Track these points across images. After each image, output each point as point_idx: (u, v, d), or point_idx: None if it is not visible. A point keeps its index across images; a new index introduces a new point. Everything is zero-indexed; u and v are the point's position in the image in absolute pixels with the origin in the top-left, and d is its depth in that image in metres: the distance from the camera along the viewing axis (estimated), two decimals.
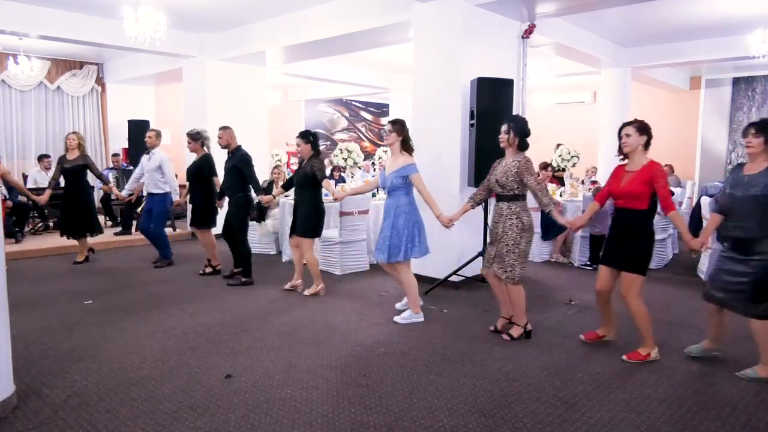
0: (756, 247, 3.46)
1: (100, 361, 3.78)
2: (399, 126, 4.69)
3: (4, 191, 8.02)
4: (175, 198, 6.91)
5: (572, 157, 9.43)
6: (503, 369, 3.69)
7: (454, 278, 5.74)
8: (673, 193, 7.91)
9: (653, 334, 3.90)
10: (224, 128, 6.00)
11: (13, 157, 10.77)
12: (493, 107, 5.50)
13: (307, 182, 5.36)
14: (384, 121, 16.85)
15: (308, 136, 5.46)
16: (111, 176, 10.04)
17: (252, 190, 6.03)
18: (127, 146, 10.39)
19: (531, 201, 4.31)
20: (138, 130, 9.58)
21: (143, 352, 3.95)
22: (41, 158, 9.79)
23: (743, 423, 2.98)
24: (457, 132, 5.82)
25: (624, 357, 3.90)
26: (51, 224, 9.51)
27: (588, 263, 7.05)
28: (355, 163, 8.00)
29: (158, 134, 6.90)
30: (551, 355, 3.94)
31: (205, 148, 6.40)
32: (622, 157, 3.94)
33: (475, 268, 5.80)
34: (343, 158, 7.85)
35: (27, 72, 9.56)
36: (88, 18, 7.88)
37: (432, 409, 3.10)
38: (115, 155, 10.79)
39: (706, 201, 6.48)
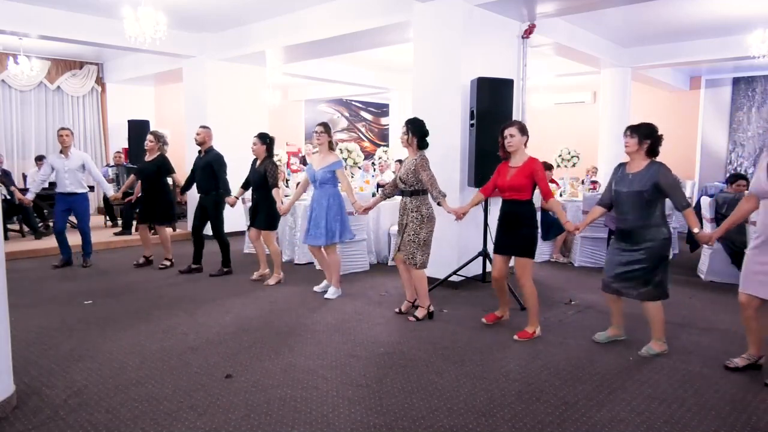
0: (638, 236, 3.83)
1: (100, 361, 3.78)
2: (329, 128, 5.45)
3: (4, 191, 8.02)
4: (110, 193, 7.27)
5: (572, 157, 9.43)
6: (503, 369, 3.69)
7: (454, 278, 5.74)
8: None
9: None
10: (205, 127, 6.48)
11: (13, 157, 10.78)
12: (493, 107, 5.50)
13: (264, 182, 5.91)
14: (384, 121, 16.85)
15: (265, 138, 6.00)
16: (111, 173, 10.06)
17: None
18: (127, 146, 10.39)
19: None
20: (138, 130, 9.59)
21: (143, 352, 3.95)
22: (39, 159, 9.79)
23: (743, 423, 2.98)
24: (457, 132, 5.82)
25: (516, 336, 4.27)
26: (51, 224, 9.51)
27: None
28: (355, 163, 8.01)
29: (71, 132, 6.88)
30: (551, 355, 3.94)
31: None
32: (503, 154, 4.31)
33: (475, 268, 5.80)
34: (343, 158, 7.85)
35: (27, 72, 9.56)
36: (88, 18, 7.88)
37: (432, 409, 3.10)
38: (118, 152, 10.80)
39: (706, 201, 6.47)
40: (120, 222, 9.61)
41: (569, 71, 10.69)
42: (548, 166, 8.03)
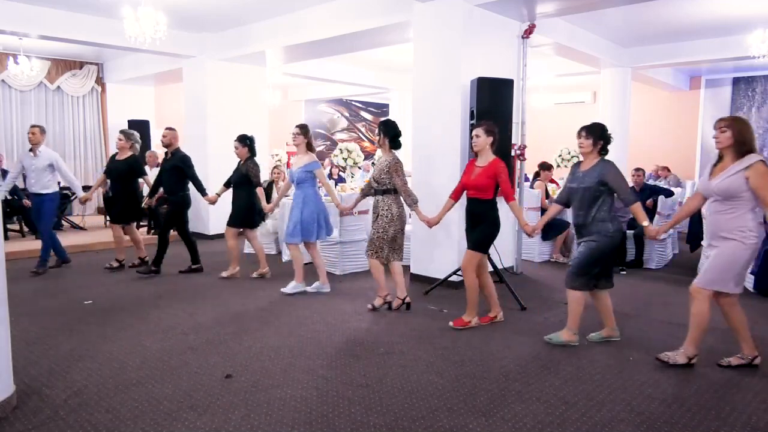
0: (586, 230, 3.99)
1: (100, 361, 3.78)
2: (305, 130, 5.50)
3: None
4: (80, 194, 6.98)
5: (572, 157, 9.44)
6: (503, 369, 3.69)
7: (454, 278, 5.74)
8: (672, 193, 7.92)
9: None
10: (171, 129, 6.45)
11: (13, 157, 10.75)
12: (493, 107, 5.50)
13: (244, 181, 6.07)
14: None
15: (245, 140, 6.10)
16: None
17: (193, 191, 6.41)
18: None
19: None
20: (138, 130, 9.51)
21: (143, 352, 3.95)
22: None
23: (743, 423, 2.98)
24: (457, 132, 5.82)
25: (450, 323, 4.50)
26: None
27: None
28: (354, 163, 8.02)
29: (42, 130, 6.60)
30: (551, 355, 3.94)
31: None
32: (474, 151, 4.48)
33: None
34: (343, 158, 7.86)
35: (27, 72, 9.55)
36: (88, 18, 7.88)
37: (432, 409, 3.10)
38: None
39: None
40: None
41: (569, 71, 10.70)
42: (548, 166, 8.03)
